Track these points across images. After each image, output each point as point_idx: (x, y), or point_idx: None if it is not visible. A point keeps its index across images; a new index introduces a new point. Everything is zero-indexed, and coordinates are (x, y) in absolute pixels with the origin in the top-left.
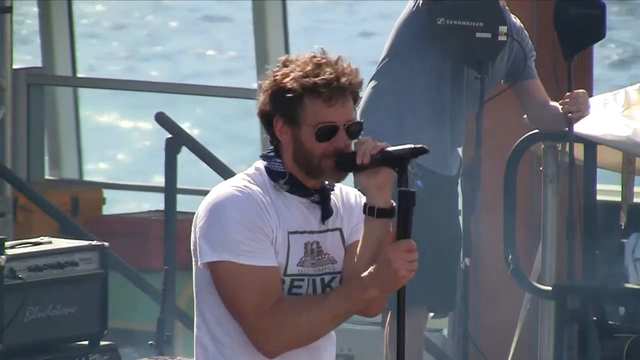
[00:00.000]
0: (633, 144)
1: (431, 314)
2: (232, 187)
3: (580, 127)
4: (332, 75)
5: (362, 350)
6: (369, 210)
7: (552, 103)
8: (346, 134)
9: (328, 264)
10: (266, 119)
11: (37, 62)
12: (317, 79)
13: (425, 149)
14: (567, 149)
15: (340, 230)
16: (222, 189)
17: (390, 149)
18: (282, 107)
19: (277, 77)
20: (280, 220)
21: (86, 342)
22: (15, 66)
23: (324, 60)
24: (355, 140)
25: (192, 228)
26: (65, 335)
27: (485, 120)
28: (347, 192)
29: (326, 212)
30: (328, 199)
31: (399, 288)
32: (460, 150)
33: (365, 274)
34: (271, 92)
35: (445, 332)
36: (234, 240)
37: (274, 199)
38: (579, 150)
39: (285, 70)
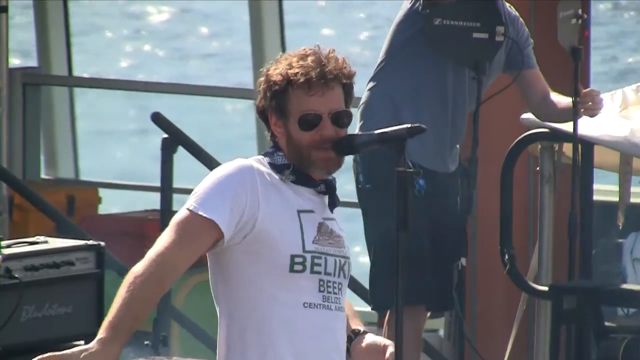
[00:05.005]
0: (630, 144)
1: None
2: (241, 159)
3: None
4: (312, 65)
5: None
6: None
7: (554, 95)
8: (332, 122)
9: (342, 247)
10: (263, 115)
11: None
12: (298, 69)
13: (422, 127)
14: (564, 150)
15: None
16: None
17: (387, 129)
18: (272, 101)
19: (268, 73)
20: (284, 199)
21: (82, 342)
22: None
23: (309, 52)
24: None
25: None
26: (61, 335)
27: (482, 120)
28: None
29: (333, 201)
30: (334, 188)
31: None
32: (459, 147)
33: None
34: (263, 88)
35: (441, 332)
36: (202, 194)
37: (280, 186)
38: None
39: (275, 65)
